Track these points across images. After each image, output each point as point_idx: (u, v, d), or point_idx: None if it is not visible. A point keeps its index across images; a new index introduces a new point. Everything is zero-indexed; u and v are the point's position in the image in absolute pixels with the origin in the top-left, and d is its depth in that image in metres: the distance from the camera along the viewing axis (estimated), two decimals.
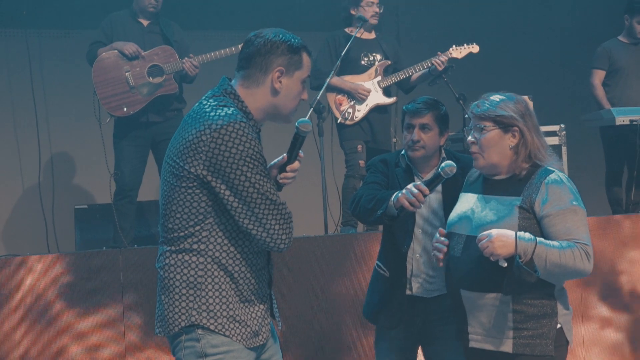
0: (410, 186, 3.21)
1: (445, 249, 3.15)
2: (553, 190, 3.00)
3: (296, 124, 2.77)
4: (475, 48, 6.01)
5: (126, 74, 5.51)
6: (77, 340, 4.54)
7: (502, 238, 2.90)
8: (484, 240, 2.92)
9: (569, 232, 2.97)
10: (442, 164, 3.20)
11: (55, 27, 6.94)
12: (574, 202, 3.00)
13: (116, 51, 5.53)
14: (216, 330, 2.62)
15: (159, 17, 5.76)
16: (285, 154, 2.81)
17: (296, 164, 2.82)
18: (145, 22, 5.74)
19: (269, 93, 2.70)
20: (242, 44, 5.94)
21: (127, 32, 5.66)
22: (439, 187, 3.50)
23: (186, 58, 5.59)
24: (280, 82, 2.69)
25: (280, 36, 2.70)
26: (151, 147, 5.71)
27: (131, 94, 5.52)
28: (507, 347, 3.03)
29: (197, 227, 2.62)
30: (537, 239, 2.93)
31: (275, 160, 2.83)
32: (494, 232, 2.92)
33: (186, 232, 2.63)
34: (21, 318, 4.46)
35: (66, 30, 6.91)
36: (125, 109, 5.50)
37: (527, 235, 2.93)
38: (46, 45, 6.86)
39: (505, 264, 2.93)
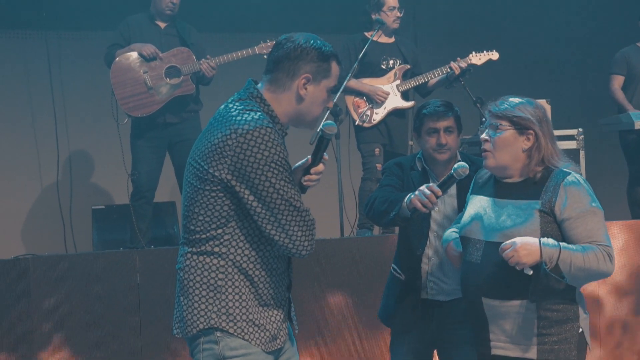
0: (422, 187, 3.21)
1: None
2: (572, 192, 2.98)
3: (321, 126, 2.73)
4: (494, 55, 5.98)
5: (144, 74, 5.55)
6: (93, 340, 4.56)
7: (527, 246, 2.87)
8: (509, 250, 2.89)
9: (590, 234, 2.95)
10: (455, 165, 3.20)
11: (74, 29, 6.98)
12: (593, 204, 2.99)
13: (134, 53, 5.57)
14: (235, 334, 2.61)
15: (175, 20, 5.80)
16: (309, 157, 2.78)
17: (320, 167, 2.77)
18: (162, 25, 5.77)
19: (294, 99, 2.67)
20: (258, 46, 5.97)
21: (144, 34, 5.70)
22: (454, 191, 3.50)
23: (203, 59, 5.62)
24: (305, 88, 2.65)
25: (311, 42, 2.66)
26: (167, 148, 5.74)
27: (149, 95, 5.55)
28: (532, 353, 3.00)
29: (219, 230, 2.61)
30: (561, 244, 2.91)
31: (300, 163, 2.80)
32: (517, 240, 2.89)
33: (208, 234, 2.62)
34: (38, 318, 4.49)
35: (85, 32, 6.96)
36: (142, 110, 5.54)
37: (551, 241, 2.91)
38: (65, 47, 6.91)
39: (531, 272, 2.89)
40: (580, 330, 3.02)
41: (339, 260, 4.94)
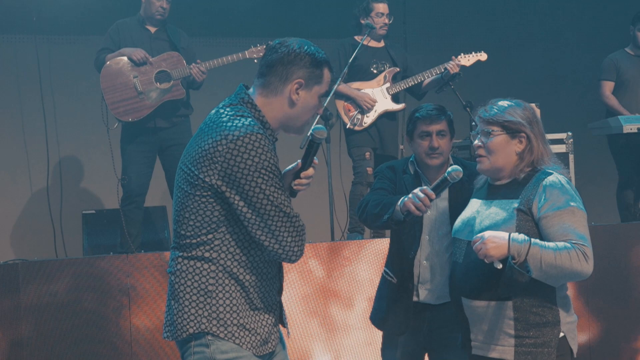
0: (416, 190, 3.22)
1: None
2: (550, 191, 3.00)
3: (311, 130, 2.75)
4: (483, 56, 6.03)
5: (134, 79, 5.54)
6: (83, 345, 4.55)
7: (495, 240, 2.89)
8: (478, 243, 2.91)
9: (566, 232, 2.93)
10: (449, 169, 3.21)
11: (64, 34, 6.97)
12: (572, 203, 2.98)
13: (124, 57, 5.56)
14: (225, 338, 2.62)
15: (166, 24, 5.79)
16: (299, 161, 2.80)
17: (310, 171, 2.79)
18: (152, 29, 5.76)
19: (286, 103, 2.69)
20: (248, 50, 5.97)
21: (134, 39, 5.69)
22: (445, 194, 3.52)
23: (193, 64, 5.61)
24: (297, 94, 2.68)
25: (305, 48, 2.68)
26: (158, 153, 5.73)
27: (139, 100, 5.54)
28: (509, 355, 3.01)
29: (210, 236, 2.62)
30: (532, 240, 2.91)
31: (290, 167, 2.82)
32: (486, 234, 2.91)
33: (198, 239, 2.63)
34: (28, 322, 4.48)
35: (75, 36, 6.95)
36: (133, 115, 5.53)
37: (521, 236, 2.91)
38: (55, 51, 6.89)
39: (500, 266, 2.90)
40: (562, 334, 3.02)
41: (329, 265, 4.95)
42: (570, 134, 5.96)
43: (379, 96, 5.91)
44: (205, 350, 2.63)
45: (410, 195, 3.23)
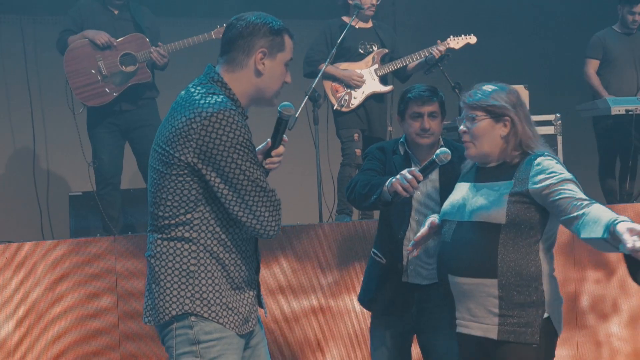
0: (404, 172, 3.23)
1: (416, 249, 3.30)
2: (545, 165, 3.02)
3: (278, 108, 2.79)
4: (472, 39, 6.00)
5: (98, 62, 5.43)
6: (70, 328, 4.54)
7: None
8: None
9: (580, 196, 2.90)
10: (437, 151, 3.23)
11: (50, 14, 6.90)
12: (570, 174, 3.00)
13: (87, 40, 5.44)
14: (210, 318, 2.62)
15: (129, 3, 5.65)
16: (269, 140, 2.82)
17: (281, 149, 2.83)
18: (115, 10, 5.61)
19: (253, 75, 2.71)
20: (214, 31, 5.82)
21: (96, 19, 5.54)
22: (436, 175, 3.53)
23: (153, 48, 5.48)
24: (263, 63, 2.70)
25: (262, 18, 2.72)
26: (125, 135, 5.62)
27: (104, 84, 5.44)
28: (492, 333, 3.04)
29: (189, 215, 2.62)
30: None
31: (260, 147, 2.84)
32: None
33: (177, 220, 2.63)
34: (14, 305, 4.46)
35: (60, 16, 6.86)
36: (98, 100, 5.43)
37: (620, 217, 2.75)
38: (41, 31, 6.82)
39: None
40: (547, 315, 3.04)
41: (317, 246, 4.94)
42: (558, 115, 5.96)
43: (367, 77, 5.88)
44: (189, 332, 2.63)
45: (397, 177, 3.24)
